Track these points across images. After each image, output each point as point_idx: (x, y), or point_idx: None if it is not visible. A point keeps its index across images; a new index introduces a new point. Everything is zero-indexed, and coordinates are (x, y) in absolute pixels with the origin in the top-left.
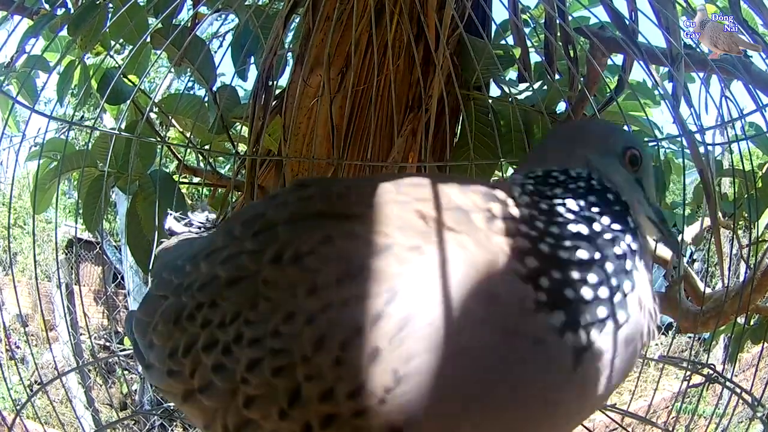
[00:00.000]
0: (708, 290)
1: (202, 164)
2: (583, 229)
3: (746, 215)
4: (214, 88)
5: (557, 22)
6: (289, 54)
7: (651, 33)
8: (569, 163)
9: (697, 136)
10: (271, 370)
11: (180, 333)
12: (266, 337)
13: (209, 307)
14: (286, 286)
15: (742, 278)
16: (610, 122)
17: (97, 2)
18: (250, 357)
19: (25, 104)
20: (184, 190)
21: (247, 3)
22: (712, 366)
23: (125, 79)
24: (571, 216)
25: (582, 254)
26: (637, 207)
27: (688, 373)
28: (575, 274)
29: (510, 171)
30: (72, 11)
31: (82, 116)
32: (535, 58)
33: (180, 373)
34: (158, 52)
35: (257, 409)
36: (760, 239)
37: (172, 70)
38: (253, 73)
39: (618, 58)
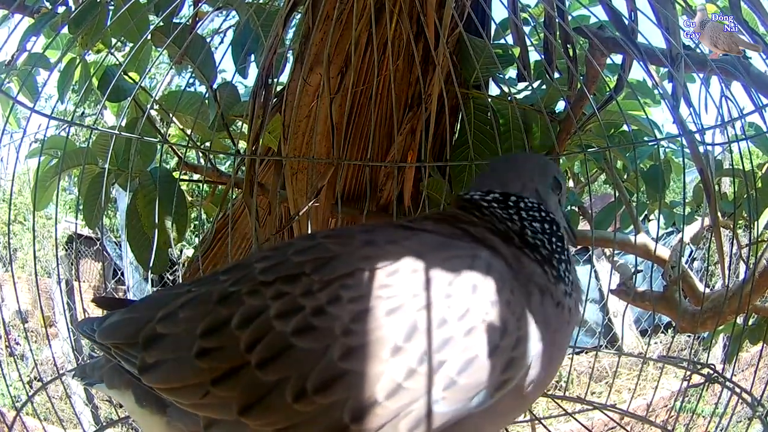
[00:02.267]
0: (707, 290)
1: (202, 161)
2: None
3: (746, 215)
4: (215, 86)
5: (557, 21)
6: (290, 52)
7: (651, 33)
8: (524, 192)
9: (697, 136)
10: (385, 312)
11: (230, 308)
12: (373, 291)
13: (284, 282)
14: (388, 256)
15: (741, 278)
16: (539, 154)
17: (98, 0)
18: (357, 309)
19: (26, 104)
20: (184, 187)
21: (247, 1)
22: (712, 366)
23: (126, 77)
24: (547, 233)
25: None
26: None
27: (688, 373)
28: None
29: None
30: (73, 9)
31: (83, 113)
32: (534, 57)
33: (224, 349)
34: (160, 50)
35: (361, 356)
36: (759, 239)
37: (173, 68)
38: (253, 71)
39: (617, 58)
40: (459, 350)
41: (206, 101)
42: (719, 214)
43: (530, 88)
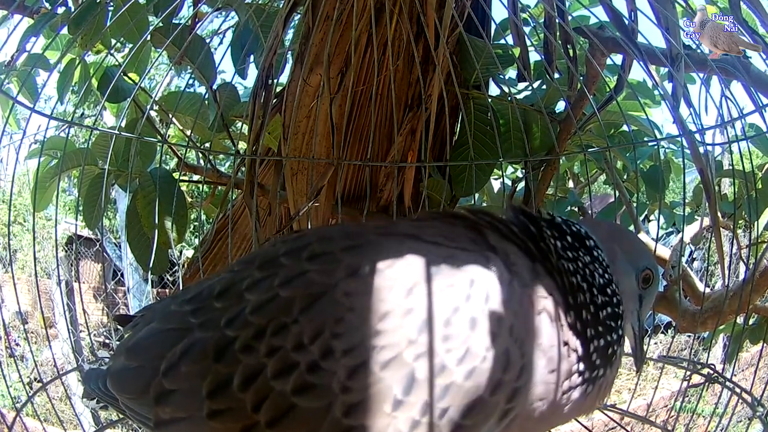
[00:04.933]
0: (707, 290)
1: (202, 162)
2: (606, 308)
3: (746, 216)
4: (215, 87)
5: (557, 21)
6: (289, 53)
7: (651, 33)
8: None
9: (697, 136)
10: (380, 366)
11: (229, 367)
12: (366, 341)
13: (274, 334)
14: (374, 293)
15: (741, 278)
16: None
17: (98, 1)
18: (350, 365)
19: (26, 104)
20: (184, 188)
21: (247, 2)
22: (712, 366)
23: (126, 78)
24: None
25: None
26: (628, 316)
27: (688, 373)
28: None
29: (510, 170)
30: (72, 10)
31: (83, 113)
32: (534, 57)
33: (233, 410)
34: (159, 50)
35: (363, 412)
36: (759, 240)
37: (173, 68)
38: (253, 71)
39: (617, 58)
40: (461, 395)
41: (206, 102)
42: (719, 214)
43: (530, 88)
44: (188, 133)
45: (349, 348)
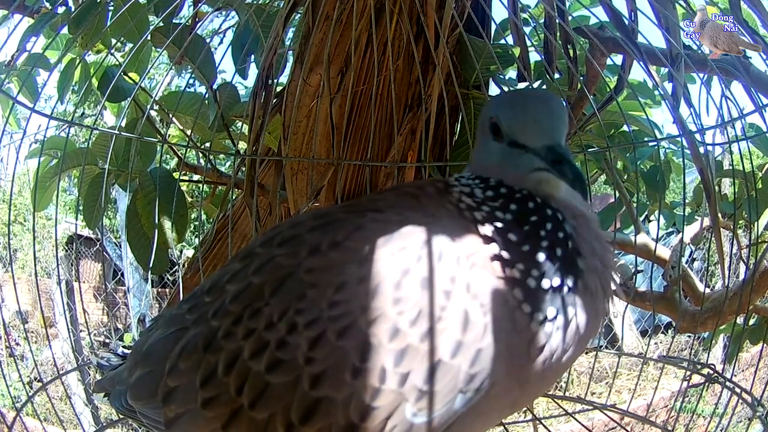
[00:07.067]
0: (707, 290)
1: (202, 161)
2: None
3: (746, 216)
4: (215, 87)
5: (557, 21)
6: (290, 53)
7: (651, 33)
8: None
9: (697, 136)
10: (336, 335)
11: (215, 356)
12: (323, 313)
13: (250, 318)
14: (332, 266)
15: (741, 278)
16: (495, 98)
17: (98, 1)
18: (311, 336)
19: (26, 104)
20: (184, 188)
21: (247, 2)
22: (712, 366)
23: (126, 77)
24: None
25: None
26: (512, 174)
27: (688, 373)
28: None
29: None
30: (73, 10)
31: (83, 113)
32: (534, 57)
33: (220, 396)
34: (159, 50)
35: (327, 382)
36: (759, 240)
37: (173, 68)
38: (253, 71)
39: (618, 58)
40: (418, 358)
41: (206, 102)
42: (719, 214)
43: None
44: (188, 132)
45: (310, 321)
